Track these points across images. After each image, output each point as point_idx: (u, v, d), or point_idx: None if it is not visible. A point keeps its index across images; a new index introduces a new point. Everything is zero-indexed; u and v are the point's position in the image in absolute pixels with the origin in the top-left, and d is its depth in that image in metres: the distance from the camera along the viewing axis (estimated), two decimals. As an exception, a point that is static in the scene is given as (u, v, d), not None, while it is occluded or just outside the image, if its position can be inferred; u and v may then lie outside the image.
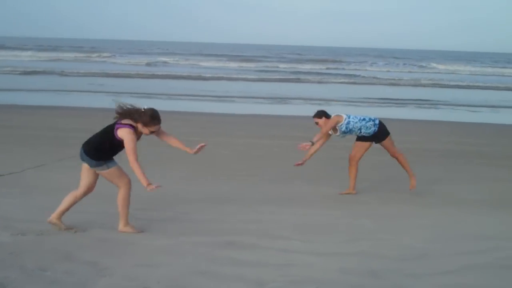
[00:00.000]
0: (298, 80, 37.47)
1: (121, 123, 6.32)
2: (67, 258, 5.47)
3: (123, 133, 6.25)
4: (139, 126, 6.27)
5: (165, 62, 53.83)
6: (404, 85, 36.34)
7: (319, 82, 36.80)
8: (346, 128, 8.62)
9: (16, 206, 7.23)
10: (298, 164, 8.74)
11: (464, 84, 37.95)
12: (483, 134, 15.89)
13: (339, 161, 11.30)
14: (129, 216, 6.98)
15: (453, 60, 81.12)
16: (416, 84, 36.69)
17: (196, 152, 6.50)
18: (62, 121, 15.46)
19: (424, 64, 63.73)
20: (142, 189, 8.49)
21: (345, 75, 42.61)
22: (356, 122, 8.63)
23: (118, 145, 6.34)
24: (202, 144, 6.45)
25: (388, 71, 51.57)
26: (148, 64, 50.00)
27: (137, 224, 6.67)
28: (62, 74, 35.25)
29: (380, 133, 8.74)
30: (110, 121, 6.77)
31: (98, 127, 15.24)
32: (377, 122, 8.75)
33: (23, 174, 9.19)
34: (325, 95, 26.91)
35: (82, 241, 5.98)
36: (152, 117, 6.23)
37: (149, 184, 6.17)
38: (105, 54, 62.58)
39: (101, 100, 21.90)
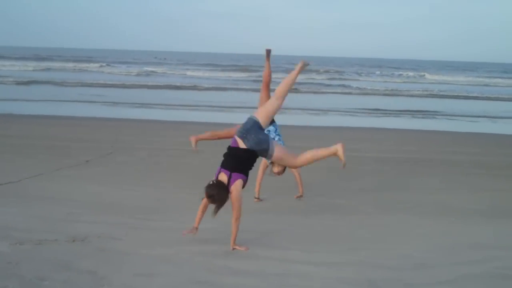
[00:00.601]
0: (295, 90, 37.55)
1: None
2: (66, 268, 5.47)
3: None
4: None
5: (162, 72, 53.84)
6: (401, 95, 36.44)
7: (315, 92, 36.87)
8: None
9: (14, 216, 7.22)
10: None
11: (461, 94, 38.07)
12: (480, 144, 15.92)
13: (338, 171, 11.32)
14: (127, 225, 7.01)
15: (449, 70, 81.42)
16: (412, 95, 36.76)
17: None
18: (59, 130, 15.45)
19: (420, 74, 63.89)
20: (140, 199, 8.55)
21: (342, 85, 42.67)
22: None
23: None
24: (245, 248, 6.27)
25: (386, 81, 51.67)
26: (144, 74, 50.00)
27: (135, 233, 6.66)
28: (57, 84, 35.24)
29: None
30: (107, 130, 6.78)
31: (95, 137, 15.24)
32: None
33: (21, 184, 9.17)
34: (322, 105, 27.00)
35: (81, 251, 5.97)
36: (205, 194, 6.22)
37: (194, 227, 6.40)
38: (99, 64, 62.57)
39: (98, 110, 21.93)
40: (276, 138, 8.54)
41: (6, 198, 8.19)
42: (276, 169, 8.19)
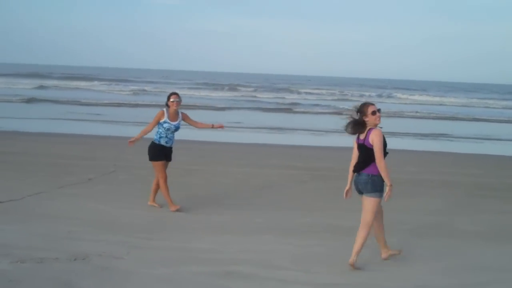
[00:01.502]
0: (290, 111, 37.53)
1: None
2: (67, 286, 5.48)
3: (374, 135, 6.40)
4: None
5: (160, 91, 53.89)
6: (401, 116, 36.47)
7: (314, 113, 36.93)
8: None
9: (16, 233, 7.23)
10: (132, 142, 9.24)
11: (462, 115, 38.13)
12: (482, 165, 15.92)
13: (338, 191, 11.33)
14: (128, 244, 7.00)
15: (451, 91, 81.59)
16: (413, 116, 36.74)
17: None
18: (61, 148, 15.49)
19: (423, 95, 64.01)
20: (142, 218, 8.56)
21: (344, 107, 42.47)
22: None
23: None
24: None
25: (386, 102, 51.74)
26: (146, 92, 50.16)
27: (136, 253, 6.66)
28: (57, 102, 35.37)
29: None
30: (109, 148, 6.81)
31: (97, 155, 15.19)
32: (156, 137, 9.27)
33: (23, 201, 9.19)
34: (324, 126, 27.06)
35: (82, 269, 5.97)
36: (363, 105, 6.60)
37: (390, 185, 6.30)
38: (99, 82, 62.80)
39: (99, 128, 22.00)
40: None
41: (8, 215, 8.20)
42: None
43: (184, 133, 21.03)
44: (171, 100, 9.22)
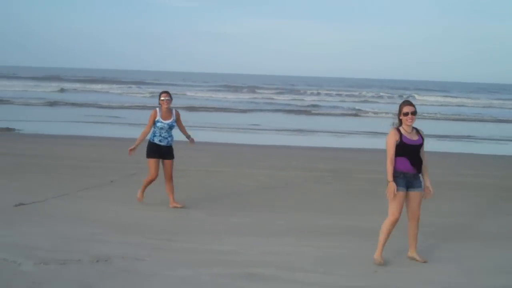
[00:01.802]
0: (307, 113, 37.43)
1: None
2: (89, 288, 5.50)
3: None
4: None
5: (179, 93, 54.06)
6: (421, 118, 36.18)
7: (334, 115, 36.83)
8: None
9: (39, 235, 7.30)
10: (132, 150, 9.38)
11: (483, 116, 37.76)
12: (503, 166, 15.74)
13: (360, 193, 11.28)
14: (150, 246, 7.02)
15: (474, 92, 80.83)
16: (433, 117, 36.42)
17: None
18: (83, 150, 15.62)
19: (445, 96, 63.44)
20: (163, 220, 8.59)
21: (360, 109, 42.11)
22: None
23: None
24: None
25: (416, 104, 51.06)
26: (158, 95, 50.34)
27: (158, 254, 6.69)
28: (76, 105, 35.70)
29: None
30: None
31: (118, 157, 15.27)
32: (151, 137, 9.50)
33: (46, 203, 9.27)
34: (342, 127, 26.96)
35: (104, 271, 6.00)
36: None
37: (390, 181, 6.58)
38: (118, 85, 63.32)
39: (120, 131, 22.14)
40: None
41: (31, 217, 8.28)
42: None
43: (204, 135, 21.19)
44: (162, 98, 9.45)
